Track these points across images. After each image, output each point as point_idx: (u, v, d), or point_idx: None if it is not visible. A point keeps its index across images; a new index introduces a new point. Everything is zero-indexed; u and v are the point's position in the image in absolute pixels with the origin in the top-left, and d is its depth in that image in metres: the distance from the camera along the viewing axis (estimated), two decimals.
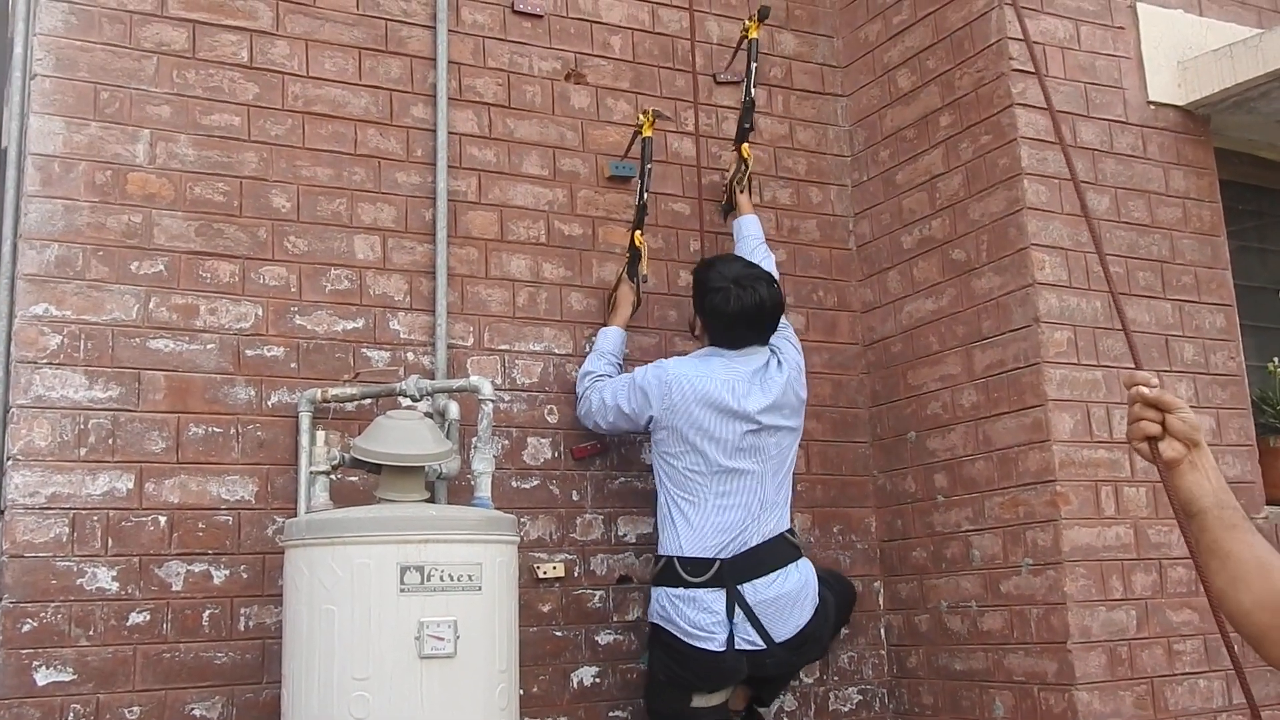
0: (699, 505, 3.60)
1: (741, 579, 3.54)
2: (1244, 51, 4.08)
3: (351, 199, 3.75)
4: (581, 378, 3.87)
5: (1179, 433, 1.75)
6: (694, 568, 3.55)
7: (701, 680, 3.58)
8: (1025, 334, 3.82)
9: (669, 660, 3.59)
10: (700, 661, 3.53)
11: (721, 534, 3.57)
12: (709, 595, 3.52)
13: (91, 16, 3.50)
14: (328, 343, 3.63)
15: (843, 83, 4.68)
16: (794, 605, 3.59)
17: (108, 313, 3.37)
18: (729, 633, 3.52)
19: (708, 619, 3.51)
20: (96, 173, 3.43)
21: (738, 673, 3.57)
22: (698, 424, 3.61)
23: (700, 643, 3.51)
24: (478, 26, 4.05)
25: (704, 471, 3.61)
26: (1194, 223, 4.20)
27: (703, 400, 3.62)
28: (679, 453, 3.64)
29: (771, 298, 3.74)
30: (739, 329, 3.73)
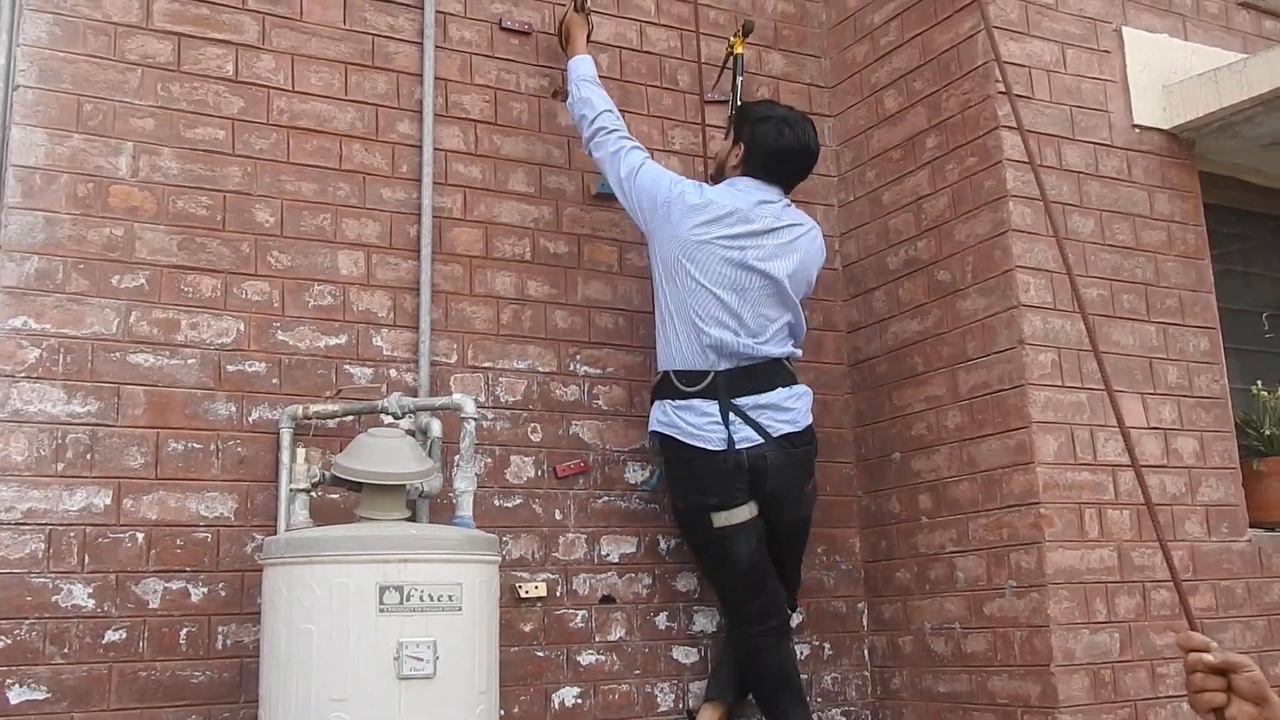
0: (693, 320, 3.69)
1: (736, 393, 3.69)
2: (1228, 76, 4.10)
3: (336, 214, 3.73)
4: (585, 100, 3.86)
5: (1248, 694, 1.62)
6: (689, 379, 3.71)
7: (708, 485, 3.67)
8: (1010, 356, 3.82)
9: (676, 477, 3.77)
10: (702, 463, 3.66)
11: (715, 350, 3.69)
12: (705, 403, 3.69)
13: (76, 28, 3.48)
14: (310, 359, 3.61)
15: (830, 103, 4.69)
16: (788, 410, 3.74)
17: (88, 326, 3.34)
18: (727, 435, 3.65)
19: (704, 420, 3.67)
20: (78, 185, 3.40)
21: (739, 473, 3.65)
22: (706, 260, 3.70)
23: (699, 441, 3.66)
24: (465, 43, 4.04)
25: (698, 290, 3.69)
26: (1178, 246, 4.21)
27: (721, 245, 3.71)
28: (677, 267, 3.72)
29: (817, 144, 3.93)
30: (782, 162, 3.84)
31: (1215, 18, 4.55)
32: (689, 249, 3.71)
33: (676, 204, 3.73)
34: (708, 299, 3.69)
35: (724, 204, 3.75)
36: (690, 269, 3.70)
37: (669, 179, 3.80)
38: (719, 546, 3.72)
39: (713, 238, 3.71)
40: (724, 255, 3.70)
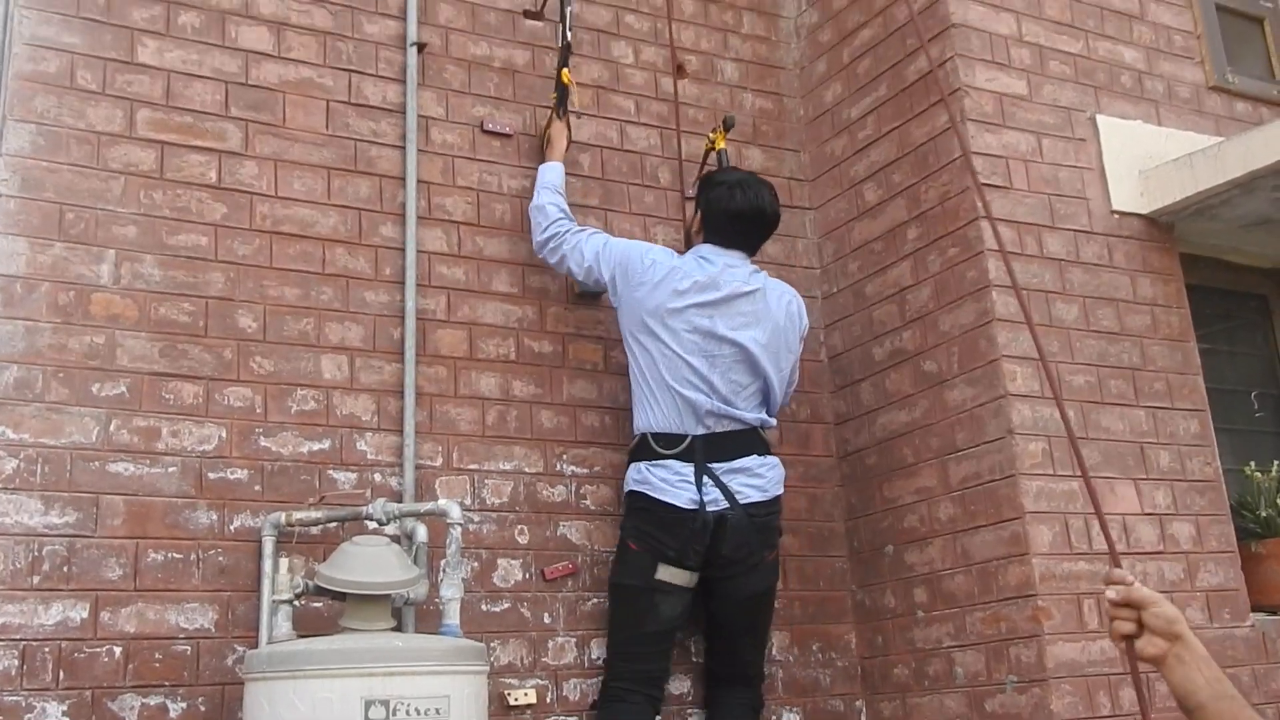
0: (669, 384, 3.72)
1: (711, 458, 3.71)
2: (1203, 161, 4.14)
3: (319, 318, 3.71)
4: (542, 208, 3.92)
5: (1157, 629, 1.77)
6: (666, 441, 3.73)
7: (669, 538, 3.65)
8: (1000, 446, 3.79)
9: (638, 522, 3.73)
10: (669, 517, 3.65)
11: (691, 414, 3.72)
12: (681, 465, 3.70)
13: (60, 138, 3.49)
14: (293, 465, 3.56)
15: (810, 196, 4.72)
16: (760, 476, 3.75)
17: (67, 435, 3.29)
18: (699, 497, 3.66)
19: (677, 479, 3.68)
20: (59, 293, 3.38)
21: (703, 534, 3.64)
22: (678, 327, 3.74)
23: (670, 497, 3.66)
24: (447, 146, 4.07)
25: (671, 356, 3.73)
26: (1163, 329, 4.21)
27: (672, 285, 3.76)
28: (651, 334, 3.76)
29: (773, 206, 3.93)
30: (737, 225, 3.88)
31: (1187, 102, 4.61)
32: (661, 316, 3.75)
33: (649, 272, 3.79)
34: (681, 365, 3.72)
35: (692, 273, 3.79)
36: (664, 336, 3.74)
37: (640, 249, 3.88)
38: (648, 598, 3.68)
39: (684, 306, 3.75)
40: (695, 323, 3.75)
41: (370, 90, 3.98)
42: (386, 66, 4.02)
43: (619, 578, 3.79)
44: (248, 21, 3.84)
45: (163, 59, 3.68)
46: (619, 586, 3.79)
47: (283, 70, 3.85)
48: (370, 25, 4.04)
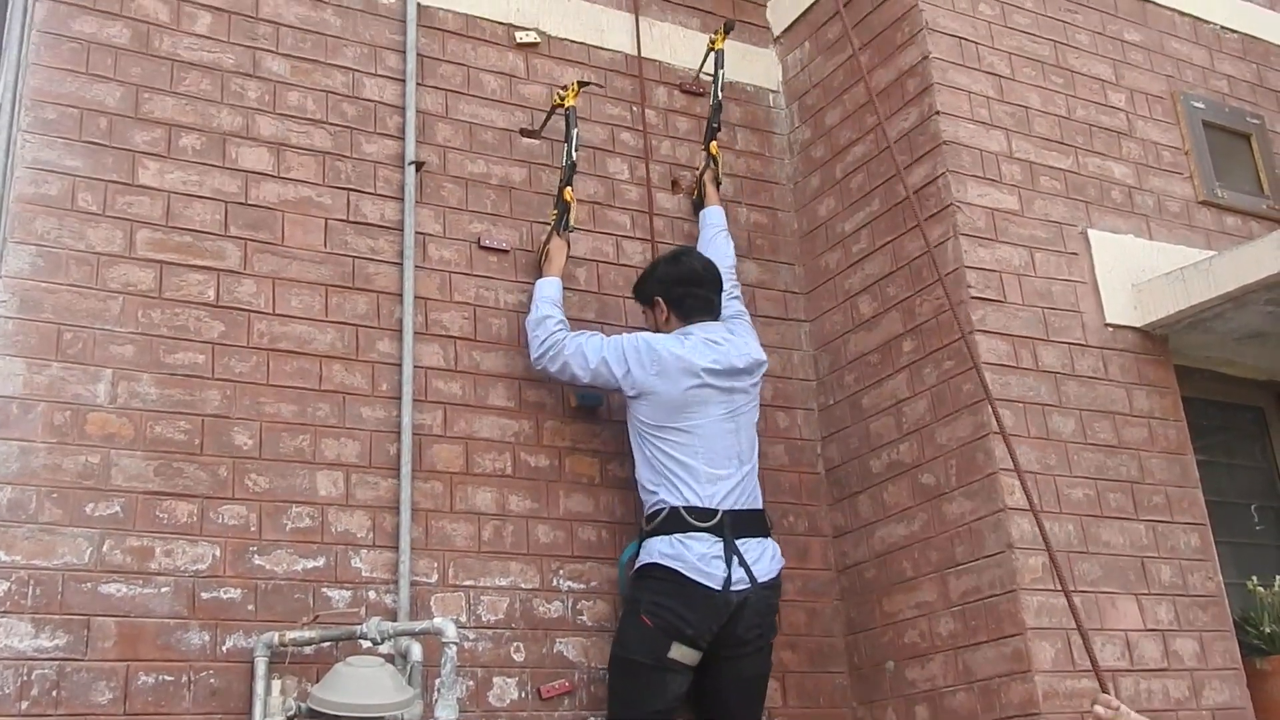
0: (701, 463, 3.79)
1: (739, 534, 3.75)
2: (1195, 275, 4.18)
3: (315, 435, 3.71)
4: (541, 320, 3.97)
5: None
6: (700, 515, 3.74)
7: (692, 616, 3.64)
8: (999, 560, 3.77)
9: (658, 597, 3.67)
10: (696, 595, 3.65)
11: (723, 489, 3.78)
12: (713, 540, 3.72)
13: (59, 258, 3.52)
14: (287, 583, 3.53)
15: (806, 308, 4.75)
16: (772, 556, 3.82)
17: (59, 557, 3.27)
18: (727, 574, 3.68)
19: (711, 555, 3.69)
20: (55, 413, 3.38)
21: (724, 615, 3.67)
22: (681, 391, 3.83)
23: (702, 578, 3.66)
24: (444, 262, 4.11)
25: (705, 434, 3.82)
26: (1160, 442, 4.21)
27: (685, 368, 3.86)
28: (665, 416, 3.83)
29: (704, 262, 4.11)
30: (696, 288, 4.04)
31: (1177, 216, 4.66)
32: (689, 398, 3.84)
33: (662, 359, 3.87)
34: (716, 440, 3.83)
35: (696, 353, 3.90)
36: (695, 416, 3.83)
37: (646, 337, 3.94)
38: (659, 677, 3.67)
39: (703, 385, 3.87)
40: (718, 401, 3.88)
41: (368, 208, 4.03)
42: (385, 185, 4.08)
43: (628, 652, 3.73)
44: (248, 142, 3.90)
45: (163, 180, 3.73)
46: (627, 661, 3.73)
47: (282, 189, 3.91)
48: (369, 145, 4.10)
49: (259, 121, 3.94)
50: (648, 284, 4.14)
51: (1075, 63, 4.67)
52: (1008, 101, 4.43)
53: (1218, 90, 5.05)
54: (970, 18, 4.48)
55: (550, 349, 3.92)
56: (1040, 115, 4.48)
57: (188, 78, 3.88)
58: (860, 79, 4.58)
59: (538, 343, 3.96)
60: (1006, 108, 4.41)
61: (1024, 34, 4.59)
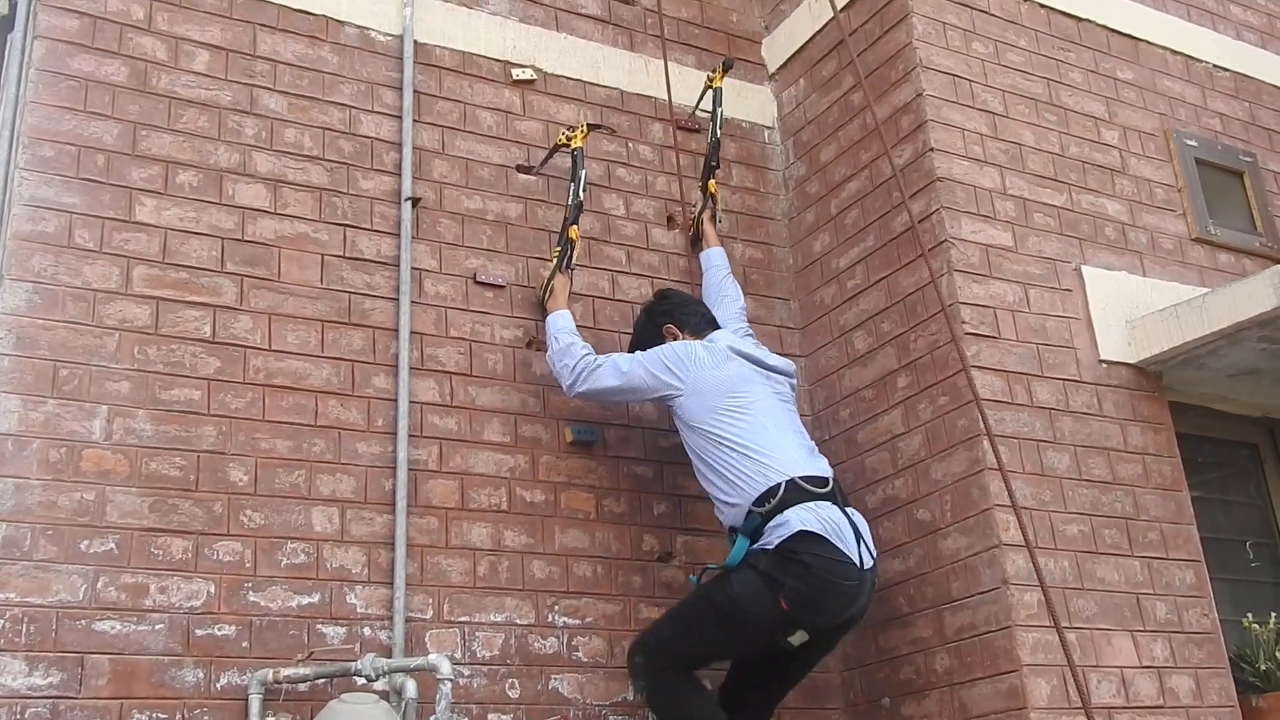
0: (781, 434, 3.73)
1: (846, 502, 3.67)
2: (1189, 312, 4.19)
3: (310, 470, 3.71)
4: (566, 349, 3.94)
5: None
6: (816, 483, 3.61)
7: (834, 603, 3.52)
8: (995, 596, 3.76)
9: (804, 585, 3.47)
10: (843, 578, 3.50)
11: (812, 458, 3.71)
12: (835, 511, 3.57)
13: (55, 296, 3.53)
14: (281, 619, 3.52)
15: (801, 343, 4.76)
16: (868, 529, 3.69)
17: (54, 594, 3.26)
18: (859, 550, 3.55)
19: (841, 527, 3.54)
20: (51, 450, 3.38)
21: (859, 598, 3.56)
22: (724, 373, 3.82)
23: (847, 549, 3.51)
24: (440, 297, 4.12)
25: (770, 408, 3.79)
26: (1155, 478, 4.21)
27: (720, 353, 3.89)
28: (715, 400, 3.77)
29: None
30: (696, 308, 4.14)
31: (1171, 253, 4.68)
32: (733, 377, 3.84)
33: (698, 353, 3.88)
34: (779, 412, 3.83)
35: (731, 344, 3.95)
36: (744, 395, 3.79)
37: (673, 346, 3.93)
38: (753, 647, 3.64)
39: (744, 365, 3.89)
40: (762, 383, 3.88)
41: (365, 244, 4.04)
42: (381, 221, 4.10)
43: (740, 612, 3.56)
44: (245, 179, 3.92)
45: (160, 217, 3.75)
46: (733, 621, 3.58)
47: (279, 226, 3.92)
48: (365, 181, 4.12)
49: (256, 158, 3.96)
50: (652, 321, 4.12)
51: (1069, 100, 4.71)
52: (1001, 138, 4.45)
53: (1210, 128, 5.09)
54: (964, 55, 4.51)
55: (583, 370, 3.89)
56: (1034, 152, 4.51)
57: (185, 115, 3.90)
58: (855, 115, 4.62)
59: (569, 370, 3.93)
60: (1000, 145, 4.44)
61: (1017, 72, 4.63)
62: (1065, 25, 4.86)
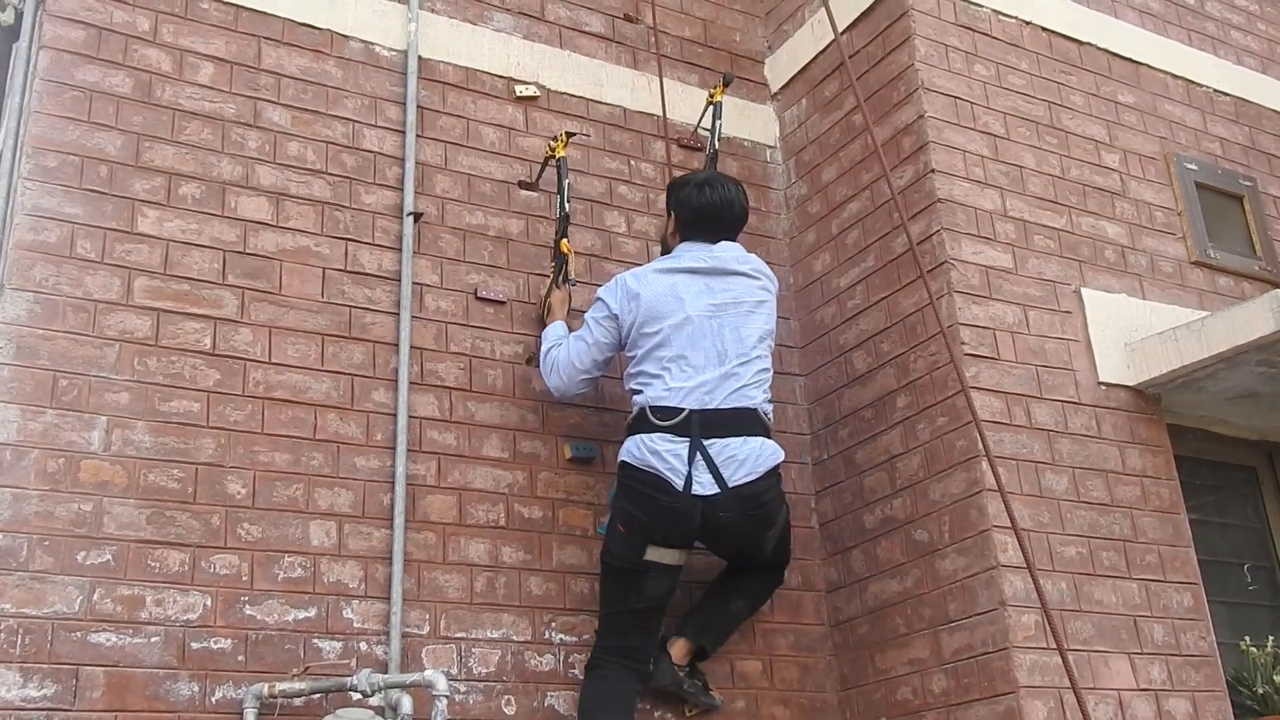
0: (669, 358, 3.78)
1: (708, 435, 3.69)
2: (1188, 335, 4.20)
3: (309, 484, 3.71)
4: (546, 353, 4.03)
5: None
6: (663, 414, 3.72)
7: (655, 521, 3.69)
8: (992, 618, 3.76)
9: (628, 504, 3.74)
10: (657, 502, 3.68)
11: (687, 391, 3.73)
12: (675, 442, 3.69)
13: (56, 306, 3.53)
14: (277, 634, 3.51)
15: (800, 362, 4.76)
16: (754, 459, 3.72)
17: (49, 605, 3.25)
18: (687, 476, 3.66)
19: (669, 453, 3.67)
20: (49, 461, 3.38)
21: (690, 521, 3.68)
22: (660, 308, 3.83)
23: (668, 472, 3.66)
24: (441, 312, 4.12)
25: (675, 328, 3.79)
26: (1153, 500, 4.21)
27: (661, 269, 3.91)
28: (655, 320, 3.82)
29: (740, 199, 4.04)
30: (708, 221, 3.97)
31: (1170, 276, 4.69)
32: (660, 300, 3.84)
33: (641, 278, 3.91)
34: (683, 336, 3.79)
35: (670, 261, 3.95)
36: (666, 315, 3.81)
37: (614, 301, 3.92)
38: (635, 578, 3.75)
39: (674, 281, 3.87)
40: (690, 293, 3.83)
41: (366, 258, 4.05)
42: (383, 235, 4.10)
43: (609, 557, 3.82)
44: (248, 192, 3.92)
45: (162, 228, 3.75)
46: (608, 566, 3.82)
47: (280, 239, 3.93)
48: (368, 195, 4.13)
49: (259, 171, 3.97)
50: (673, 195, 4.10)
51: (1069, 123, 4.72)
52: (1002, 161, 4.47)
53: (1210, 152, 5.10)
54: (966, 78, 4.53)
55: (553, 364, 3.98)
56: (1034, 175, 4.53)
57: (189, 127, 3.91)
58: (856, 136, 4.63)
59: (546, 371, 4.02)
60: (1001, 167, 4.45)
61: (1019, 94, 4.64)
62: (1066, 49, 4.88)
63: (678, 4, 5.13)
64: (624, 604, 3.78)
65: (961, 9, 4.65)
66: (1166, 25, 5.27)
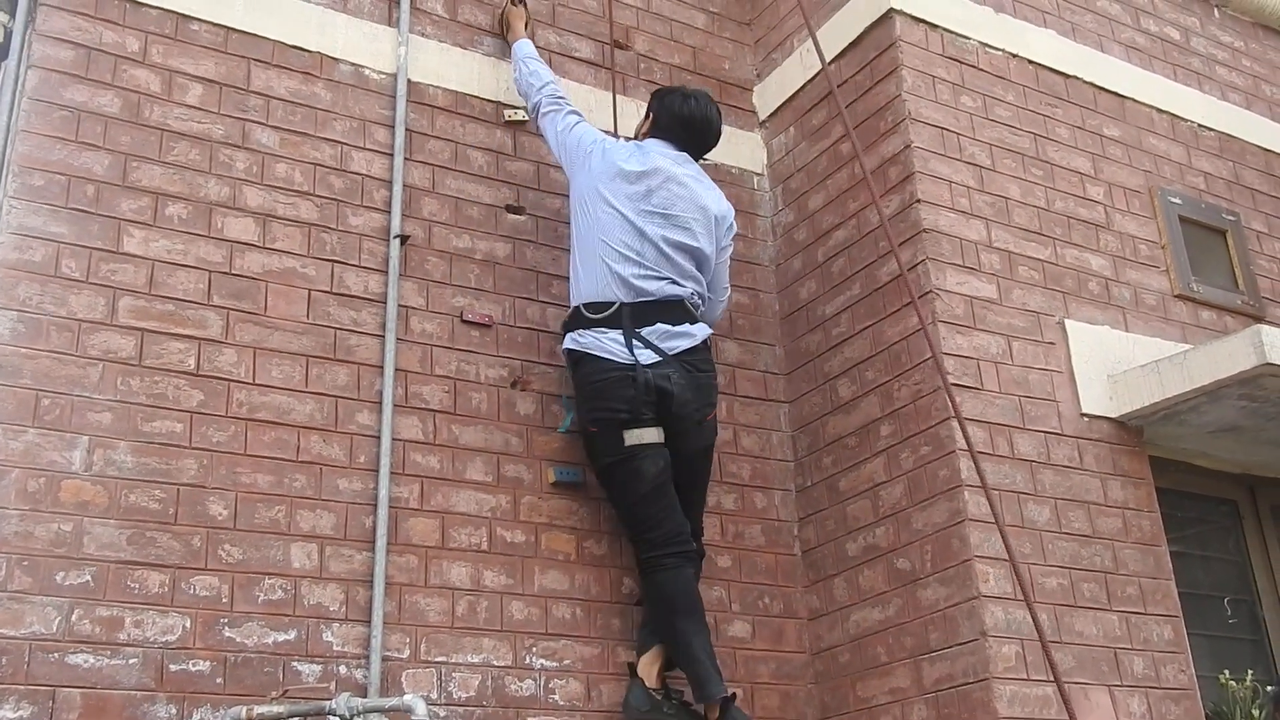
0: (599, 255, 4.04)
1: (640, 324, 3.99)
2: (1170, 368, 4.22)
3: (291, 506, 3.70)
4: (533, 75, 4.40)
5: None
6: (595, 309, 4.01)
7: (617, 401, 3.92)
8: (973, 648, 3.76)
9: (589, 401, 4.00)
10: (610, 376, 3.93)
11: (619, 282, 4.01)
12: (611, 330, 3.99)
13: (40, 325, 3.53)
14: (257, 656, 3.50)
15: (785, 389, 4.77)
16: (687, 335, 4.05)
17: (27, 626, 3.24)
18: (630, 354, 3.95)
19: (609, 340, 3.97)
20: (29, 480, 3.37)
21: (647, 391, 3.91)
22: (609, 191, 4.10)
23: (608, 355, 3.94)
24: (426, 335, 4.12)
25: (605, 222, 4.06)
26: (1134, 533, 4.23)
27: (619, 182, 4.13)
28: (590, 202, 4.12)
29: (718, 122, 4.40)
30: (683, 130, 4.30)
31: (1154, 309, 4.72)
32: (600, 184, 4.11)
33: (595, 149, 4.20)
34: (613, 230, 4.04)
35: (635, 153, 4.21)
36: (599, 204, 4.09)
37: (592, 134, 4.28)
38: (628, 466, 3.92)
39: (620, 179, 4.12)
40: (630, 194, 4.09)
41: (352, 280, 4.05)
42: (369, 257, 4.10)
43: (597, 461, 4.04)
44: (234, 213, 3.92)
45: (148, 249, 3.75)
46: (602, 470, 4.04)
47: (266, 260, 3.93)
48: (355, 218, 4.13)
49: (246, 192, 3.97)
50: (656, 99, 4.40)
51: (1055, 156, 4.76)
52: (988, 192, 4.49)
53: (1194, 186, 5.14)
54: (952, 109, 4.56)
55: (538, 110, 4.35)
56: (1020, 206, 4.55)
57: (177, 147, 3.91)
58: (843, 164, 4.65)
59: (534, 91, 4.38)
60: (986, 198, 4.48)
61: (1005, 126, 4.68)
62: (1053, 81, 4.91)
63: (668, 31, 5.15)
64: (635, 493, 3.94)
65: (949, 40, 4.68)
66: (1153, 60, 5.31)
